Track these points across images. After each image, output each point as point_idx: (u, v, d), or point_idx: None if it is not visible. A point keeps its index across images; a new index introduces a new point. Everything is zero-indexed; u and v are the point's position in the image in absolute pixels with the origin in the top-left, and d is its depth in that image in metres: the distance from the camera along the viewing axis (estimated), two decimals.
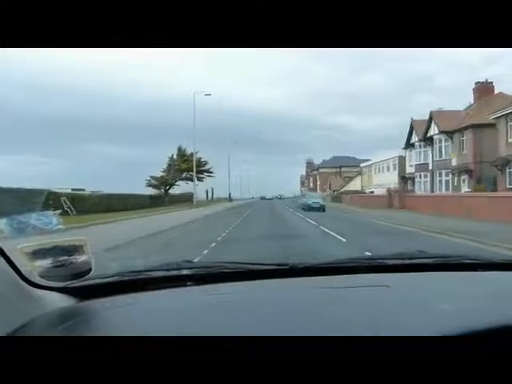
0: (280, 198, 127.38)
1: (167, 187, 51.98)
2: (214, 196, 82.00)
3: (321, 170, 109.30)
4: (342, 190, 73.04)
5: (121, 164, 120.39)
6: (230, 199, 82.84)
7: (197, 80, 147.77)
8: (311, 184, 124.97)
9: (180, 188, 55.81)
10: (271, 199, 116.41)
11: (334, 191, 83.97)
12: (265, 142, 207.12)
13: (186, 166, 53.17)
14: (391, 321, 1.05)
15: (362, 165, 62.22)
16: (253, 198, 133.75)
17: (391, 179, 47.31)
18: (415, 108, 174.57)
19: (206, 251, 9.32)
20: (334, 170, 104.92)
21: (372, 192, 47.07)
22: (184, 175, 54.33)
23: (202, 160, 57.35)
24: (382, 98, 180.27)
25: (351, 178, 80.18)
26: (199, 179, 56.09)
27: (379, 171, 53.46)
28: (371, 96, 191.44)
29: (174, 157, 55.75)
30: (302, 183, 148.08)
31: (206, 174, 58.20)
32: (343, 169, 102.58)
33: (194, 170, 49.04)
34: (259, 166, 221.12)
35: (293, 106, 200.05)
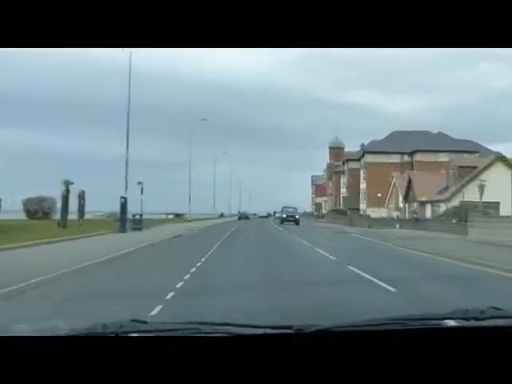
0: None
1: None
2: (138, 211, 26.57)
3: (369, 160, 54.05)
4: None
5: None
6: (121, 227, 22.12)
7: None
8: (342, 189, 67.60)
9: None
10: (266, 217, 64.23)
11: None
12: (249, 128, 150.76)
13: None
14: None
15: None
16: (222, 214, 75.88)
17: None
18: (459, 83, 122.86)
19: None
20: (399, 159, 51.59)
21: None
22: None
23: None
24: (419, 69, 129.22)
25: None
26: None
27: None
28: (400, 65, 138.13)
29: None
30: (318, 189, 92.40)
31: None
32: (418, 156, 49.37)
33: None
34: (241, 165, 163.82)
35: (285, 75, 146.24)
